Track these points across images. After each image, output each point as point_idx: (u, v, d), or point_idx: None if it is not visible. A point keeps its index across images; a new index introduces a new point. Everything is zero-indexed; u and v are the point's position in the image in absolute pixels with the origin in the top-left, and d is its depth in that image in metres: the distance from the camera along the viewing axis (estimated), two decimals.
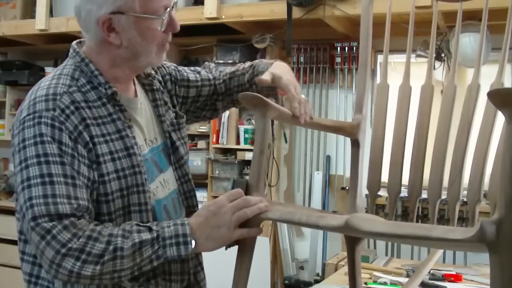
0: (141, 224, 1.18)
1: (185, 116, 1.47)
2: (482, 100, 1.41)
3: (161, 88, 1.43)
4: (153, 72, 1.43)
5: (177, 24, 1.27)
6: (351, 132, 1.46)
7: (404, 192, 1.47)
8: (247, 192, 1.24)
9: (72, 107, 1.18)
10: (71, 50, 1.29)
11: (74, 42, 1.31)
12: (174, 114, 1.43)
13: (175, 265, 1.31)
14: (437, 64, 3.41)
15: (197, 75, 1.53)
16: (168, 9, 1.23)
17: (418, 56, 3.34)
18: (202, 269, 1.43)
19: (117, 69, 1.27)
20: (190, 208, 1.40)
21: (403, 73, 1.52)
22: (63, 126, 1.15)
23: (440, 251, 1.50)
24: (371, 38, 1.52)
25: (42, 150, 1.13)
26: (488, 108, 1.39)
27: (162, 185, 1.34)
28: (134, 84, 1.36)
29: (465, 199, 1.41)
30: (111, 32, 1.21)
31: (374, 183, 1.49)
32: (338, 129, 1.52)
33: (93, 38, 1.24)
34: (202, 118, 1.61)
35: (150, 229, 1.16)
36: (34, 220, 1.09)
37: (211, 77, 1.54)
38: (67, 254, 1.08)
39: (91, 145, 1.18)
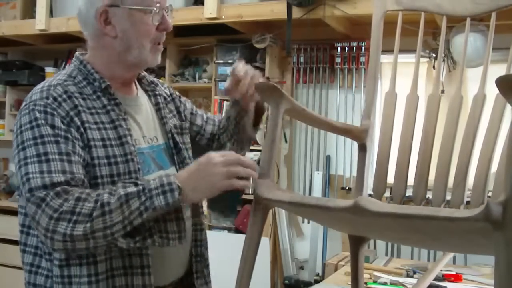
0: (126, 181, 1.22)
1: (188, 123, 1.53)
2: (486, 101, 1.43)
3: (166, 97, 1.50)
4: (155, 80, 1.51)
5: (169, 23, 1.35)
6: (359, 136, 1.50)
7: (407, 193, 1.49)
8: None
9: (64, 96, 1.26)
10: (73, 58, 1.38)
11: (77, 52, 1.40)
12: (178, 121, 1.49)
13: (171, 223, 1.31)
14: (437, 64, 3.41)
15: (204, 114, 1.63)
16: (159, 4, 1.30)
17: None
18: (207, 265, 1.48)
19: (113, 66, 1.34)
20: (196, 208, 1.43)
21: (411, 84, 1.55)
22: (55, 112, 1.23)
23: (450, 255, 1.51)
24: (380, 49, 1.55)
25: (38, 133, 1.20)
26: (494, 111, 1.41)
27: None
28: (137, 89, 1.43)
29: (468, 199, 1.42)
30: (107, 25, 1.30)
31: (380, 185, 1.51)
32: (346, 131, 1.57)
33: (92, 32, 1.33)
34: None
35: (136, 184, 1.19)
36: (30, 192, 1.15)
37: (216, 119, 1.64)
38: (59, 218, 1.12)
39: (82, 129, 1.24)
